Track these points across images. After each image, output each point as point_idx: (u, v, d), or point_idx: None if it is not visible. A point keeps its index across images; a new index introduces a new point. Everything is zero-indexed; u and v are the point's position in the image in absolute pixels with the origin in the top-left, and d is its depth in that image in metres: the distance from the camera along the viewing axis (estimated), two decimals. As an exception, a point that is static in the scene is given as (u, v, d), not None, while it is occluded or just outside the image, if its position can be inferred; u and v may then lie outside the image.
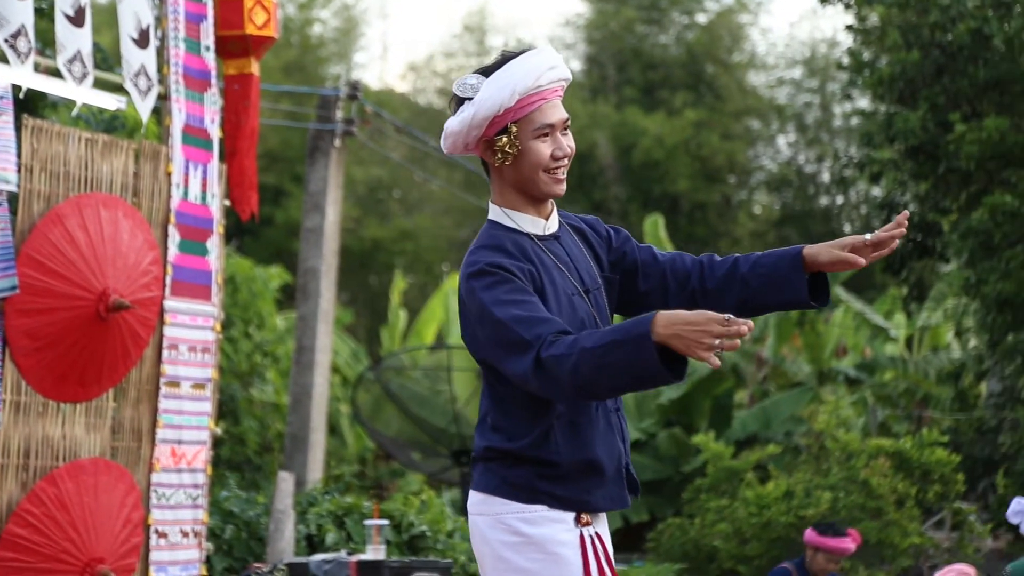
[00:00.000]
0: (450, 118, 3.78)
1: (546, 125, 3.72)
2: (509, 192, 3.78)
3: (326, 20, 36.80)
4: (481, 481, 3.70)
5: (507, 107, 3.67)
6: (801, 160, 37.48)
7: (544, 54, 3.75)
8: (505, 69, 3.70)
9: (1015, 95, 13.48)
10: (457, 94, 3.75)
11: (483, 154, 3.78)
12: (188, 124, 7.82)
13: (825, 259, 3.75)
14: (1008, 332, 13.43)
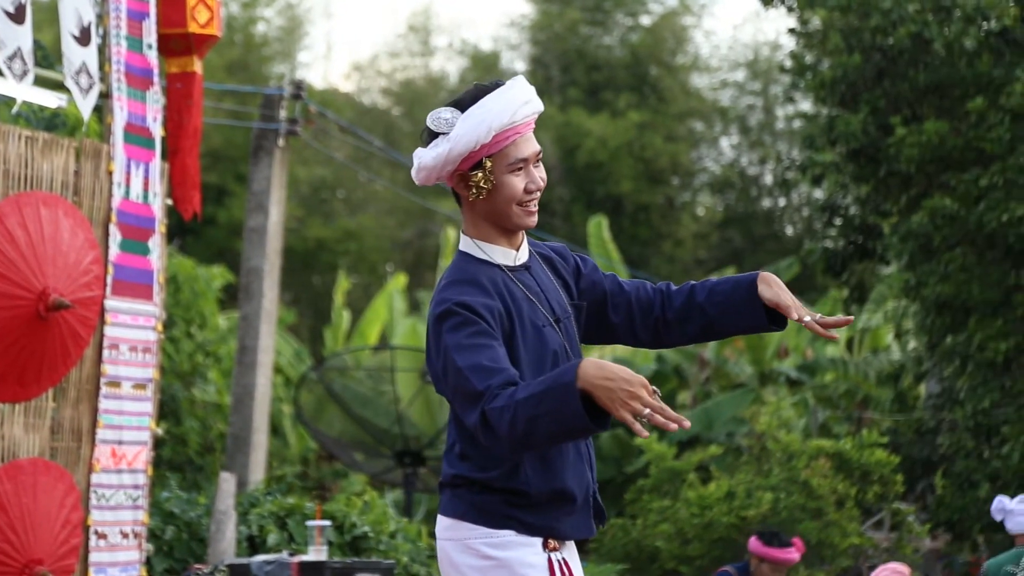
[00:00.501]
0: (422, 150, 3.80)
1: (520, 160, 3.72)
2: (482, 224, 3.79)
3: (270, 19, 36.66)
4: (449, 507, 3.72)
5: (483, 143, 3.68)
6: (744, 162, 37.69)
7: (518, 89, 3.76)
8: (481, 105, 3.71)
9: (955, 99, 13.61)
10: (431, 128, 3.76)
11: (456, 187, 3.80)
12: (130, 122, 7.78)
13: (767, 296, 3.81)
14: (947, 334, 13.55)
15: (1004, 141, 12.69)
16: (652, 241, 34.52)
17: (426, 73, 39.36)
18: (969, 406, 13.06)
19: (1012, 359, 13.03)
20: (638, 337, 3.93)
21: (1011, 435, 12.69)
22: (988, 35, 13.57)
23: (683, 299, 3.91)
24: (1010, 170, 12.57)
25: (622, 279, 4.03)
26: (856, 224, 14.97)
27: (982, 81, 13.32)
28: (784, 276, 19.55)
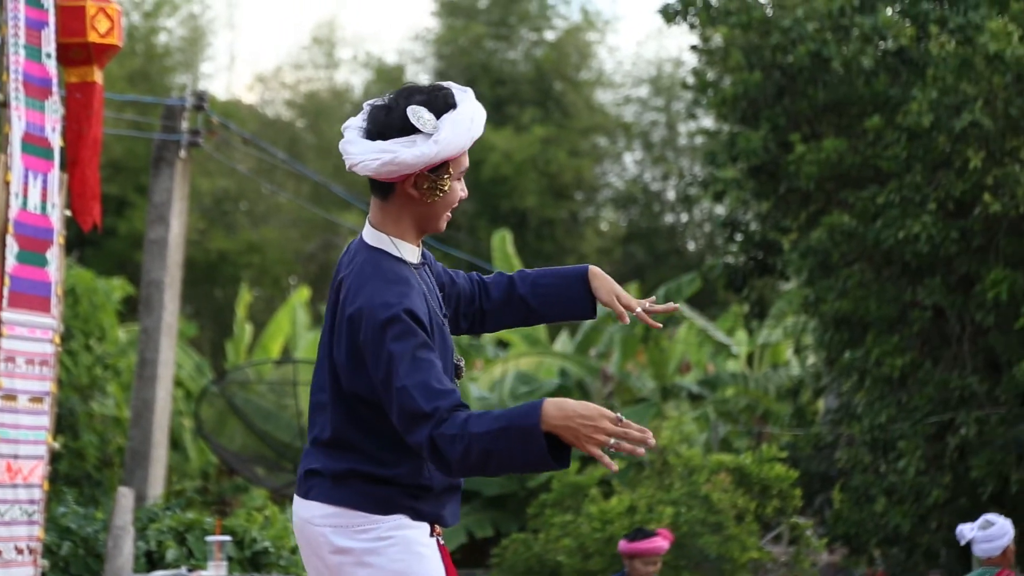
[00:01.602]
0: (395, 145, 3.79)
1: (465, 168, 3.89)
2: (406, 223, 3.87)
3: (172, 29, 36.36)
4: (333, 495, 3.74)
5: (462, 150, 3.84)
6: (647, 178, 37.96)
7: (476, 102, 3.93)
8: (463, 113, 3.84)
9: (852, 117, 13.79)
10: (414, 123, 3.80)
11: (408, 185, 3.84)
12: (28, 132, 7.68)
13: (602, 297, 4.04)
14: (845, 350, 13.71)
15: (901, 159, 12.88)
16: (556, 256, 34.64)
17: (330, 85, 39.24)
18: (866, 421, 13.23)
19: (908, 375, 13.22)
20: (459, 326, 4.11)
21: (907, 450, 12.86)
22: (885, 55, 13.78)
23: (501, 291, 4.11)
24: (906, 188, 12.76)
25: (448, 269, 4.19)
26: (756, 240, 15.12)
27: (879, 100, 13.52)
28: (686, 291, 19.72)
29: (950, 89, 12.43)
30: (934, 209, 12.55)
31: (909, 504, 12.96)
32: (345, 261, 3.91)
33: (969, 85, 12.32)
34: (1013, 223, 12.66)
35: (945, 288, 12.86)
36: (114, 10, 7.98)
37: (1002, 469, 12.54)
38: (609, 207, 38.09)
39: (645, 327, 19.39)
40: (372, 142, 3.84)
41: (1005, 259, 12.64)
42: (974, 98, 12.27)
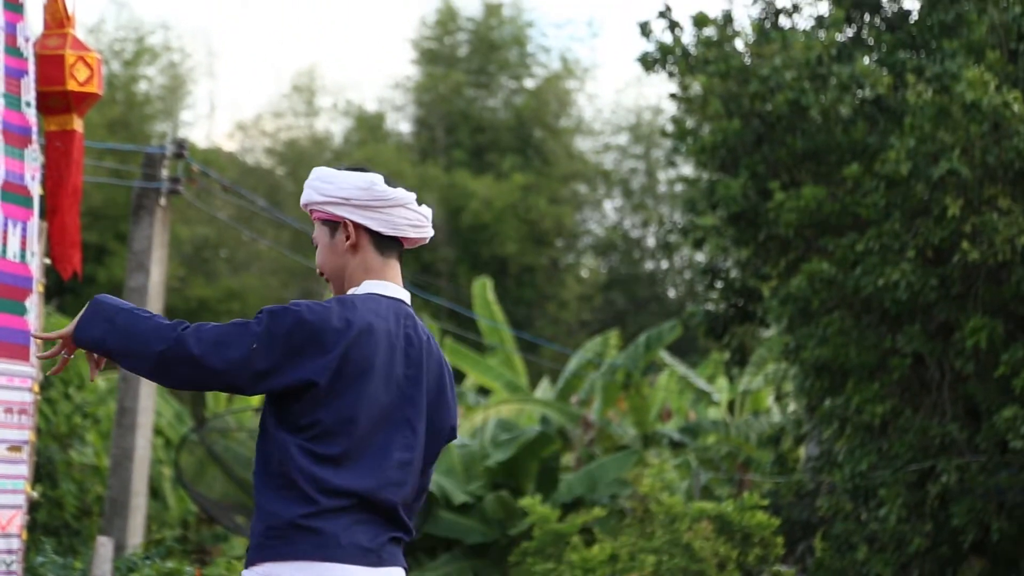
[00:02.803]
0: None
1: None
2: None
3: (152, 77, 36.43)
4: None
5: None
6: (627, 225, 38.05)
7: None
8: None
9: (831, 165, 13.85)
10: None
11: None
12: (8, 180, 7.66)
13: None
14: (825, 397, 13.72)
15: (879, 207, 12.93)
16: (537, 302, 34.65)
17: (310, 133, 39.32)
18: (847, 468, 13.22)
19: (888, 422, 13.22)
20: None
21: (888, 498, 12.85)
22: (863, 103, 13.86)
23: None
24: (885, 235, 12.80)
25: None
26: (737, 287, 15.15)
27: (857, 148, 13.58)
28: (667, 338, 19.73)
29: (928, 137, 12.49)
30: (913, 256, 12.59)
31: (890, 552, 12.94)
32: (416, 325, 4.11)
33: (946, 133, 12.38)
34: (991, 271, 12.71)
35: (925, 335, 12.88)
36: (94, 59, 7.98)
37: (983, 517, 12.54)
38: (589, 254, 38.16)
39: (626, 374, 19.40)
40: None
41: (984, 307, 12.68)
42: (951, 146, 12.33)
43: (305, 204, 4.18)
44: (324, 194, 4.12)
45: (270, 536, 3.83)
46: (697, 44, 14.54)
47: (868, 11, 14.62)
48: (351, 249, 4.13)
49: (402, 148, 37.29)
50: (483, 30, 37.80)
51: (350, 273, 4.13)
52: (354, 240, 4.12)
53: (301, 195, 4.21)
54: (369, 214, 4.12)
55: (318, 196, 4.13)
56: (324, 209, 4.13)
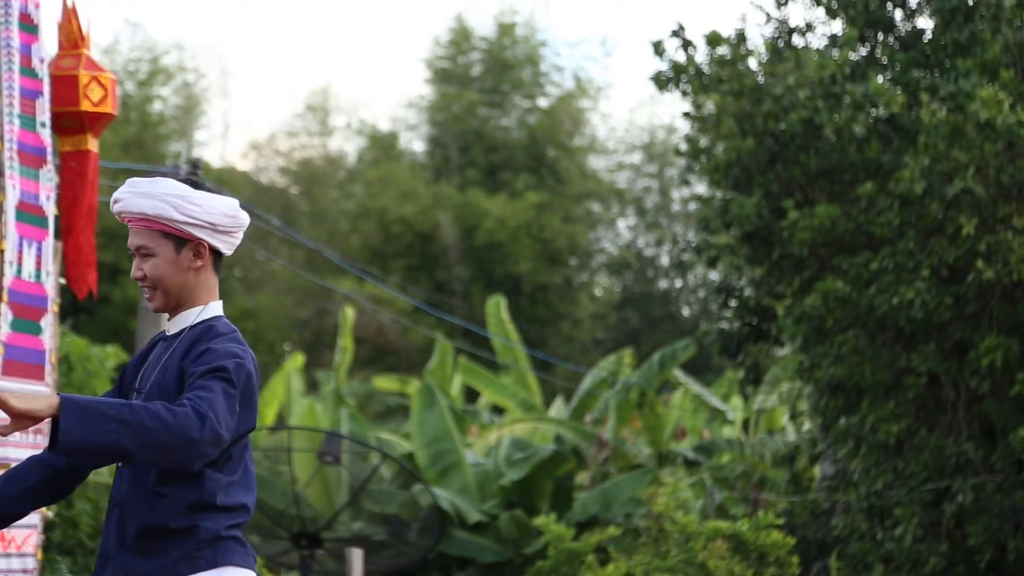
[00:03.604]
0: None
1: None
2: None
3: (166, 97, 36.53)
4: None
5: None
6: (641, 243, 38.04)
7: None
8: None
9: (845, 183, 13.84)
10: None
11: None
12: (23, 201, 7.69)
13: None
14: (840, 416, 13.69)
15: (893, 226, 12.92)
16: (550, 321, 34.64)
17: (324, 153, 39.39)
18: (863, 488, 13.18)
19: (904, 441, 13.19)
20: None
21: (903, 517, 12.81)
22: (877, 122, 13.85)
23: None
24: (899, 254, 12.78)
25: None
26: (751, 306, 15.13)
27: (871, 166, 13.57)
28: (681, 356, 19.72)
29: (942, 156, 12.48)
30: (927, 275, 12.57)
31: (906, 572, 12.90)
32: None
33: (961, 152, 12.37)
34: (1006, 290, 12.68)
35: (939, 354, 12.85)
36: (108, 79, 8.00)
37: (999, 537, 12.49)
38: (603, 273, 38.14)
39: (640, 392, 19.38)
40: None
41: (999, 326, 12.65)
42: (966, 165, 12.32)
43: (152, 216, 4.18)
44: (186, 214, 4.18)
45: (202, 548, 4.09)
46: (710, 63, 14.55)
47: (882, 30, 14.61)
48: (198, 268, 4.22)
49: (416, 167, 37.35)
50: (496, 49, 37.86)
51: (191, 290, 4.23)
52: (204, 261, 4.22)
53: (124, 201, 4.22)
54: (224, 238, 4.24)
55: (176, 215, 4.17)
56: (178, 227, 4.18)
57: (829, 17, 14.64)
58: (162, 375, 4.16)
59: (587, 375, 22.09)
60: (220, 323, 4.20)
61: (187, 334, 4.20)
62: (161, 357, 4.22)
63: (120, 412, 3.78)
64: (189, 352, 4.12)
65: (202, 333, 4.17)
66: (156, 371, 4.19)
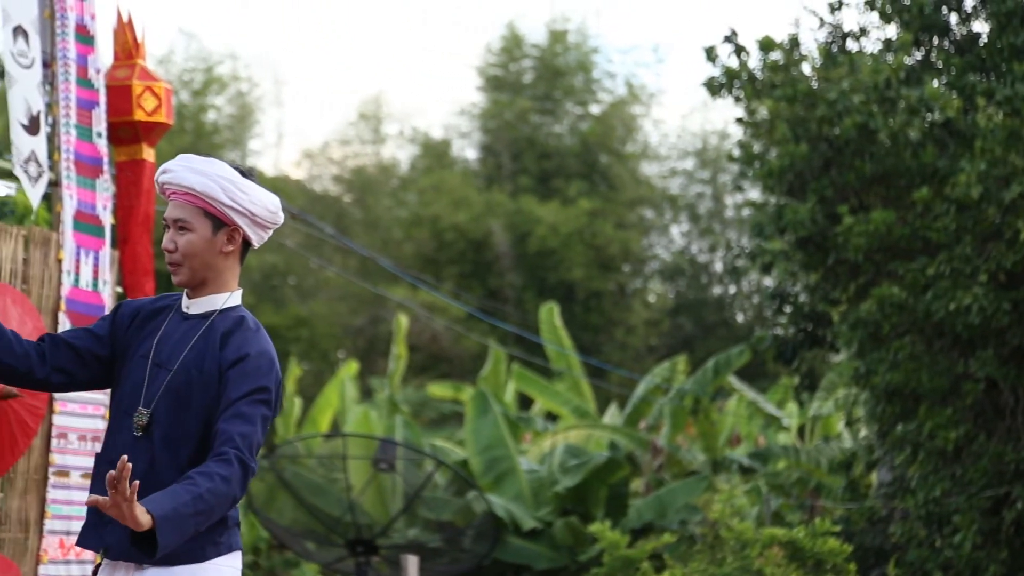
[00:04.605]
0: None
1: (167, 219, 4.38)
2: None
3: (220, 107, 36.75)
4: None
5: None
6: (694, 250, 37.92)
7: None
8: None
9: (900, 188, 13.75)
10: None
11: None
12: (80, 211, 7.75)
13: None
14: (897, 422, 13.59)
15: (950, 231, 12.82)
16: (604, 328, 34.58)
17: (377, 160, 39.51)
18: (920, 495, 13.08)
19: (962, 447, 13.08)
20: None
21: (962, 524, 12.70)
22: (932, 126, 13.75)
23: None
24: (956, 259, 12.69)
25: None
26: (806, 312, 15.05)
27: (927, 171, 13.47)
28: (735, 363, 19.64)
29: (998, 161, 12.38)
30: (985, 281, 12.47)
31: (966, 580, 12.79)
32: None
33: (1018, 157, 12.27)
34: (1065, 294, 12.57)
35: (998, 360, 12.74)
36: (162, 88, 8.06)
37: (1059, 543, 12.38)
38: (656, 279, 38.04)
39: (695, 399, 19.31)
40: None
41: (1058, 330, 12.54)
42: (1023, 170, 12.21)
43: (199, 193, 4.26)
44: (232, 198, 4.27)
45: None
46: (763, 68, 14.49)
47: (937, 34, 14.51)
48: (228, 253, 4.30)
49: (468, 175, 37.39)
50: (548, 56, 37.86)
51: (217, 273, 4.32)
52: (235, 247, 4.28)
53: (174, 173, 4.31)
54: (259, 231, 4.33)
55: (223, 196, 4.26)
56: (221, 209, 4.26)
57: (883, 21, 14.55)
58: (198, 361, 4.24)
59: (641, 382, 22.03)
60: (248, 315, 4.32)
61: (218, 320, 4.28)
62: (189, 335, 4.28)
63: (196, 506, 3.98)
64: (226, 344, 4.22)
65: (235, 324, 4.27)
66: (188, 351, 4.25)
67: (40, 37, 7.65)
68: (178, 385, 4.22)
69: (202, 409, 4.21)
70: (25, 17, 7.50)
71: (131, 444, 4.23)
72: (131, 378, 4.30)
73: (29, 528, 7.48)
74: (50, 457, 7.52)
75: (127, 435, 4.25)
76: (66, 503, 7.61)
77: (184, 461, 4.18)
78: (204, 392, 4.21)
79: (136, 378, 4.28)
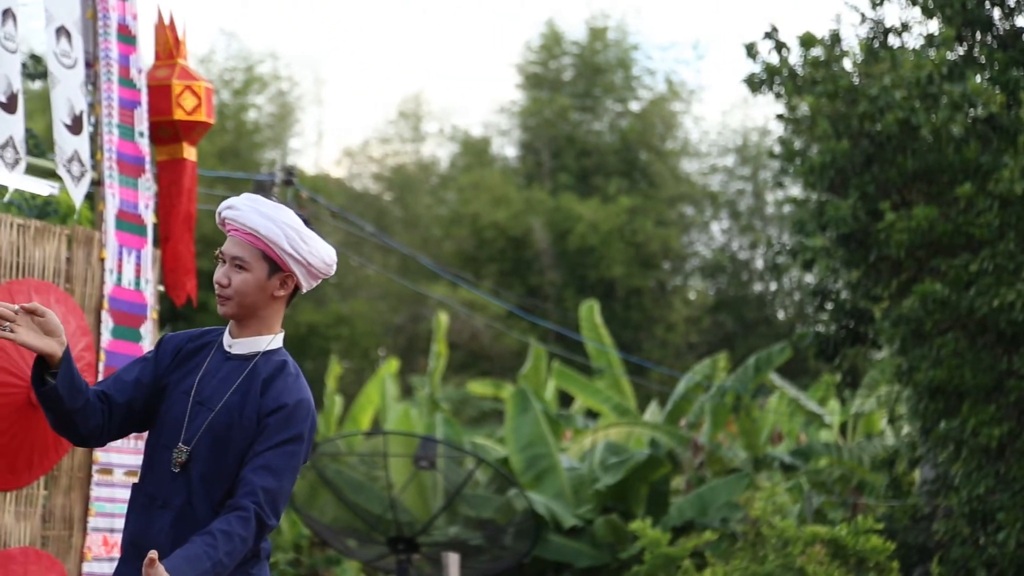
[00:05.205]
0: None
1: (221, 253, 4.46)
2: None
3: (261, 106, 36.88)
4: None
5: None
6: (735, 246, 37.82)
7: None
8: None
9: (942, 185, 13.66)
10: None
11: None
12: (122, 210, 7.79)
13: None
14: (940, 419, 13.52)
15: (993, 227, 12.74)
16: (644, 325, 34.53)
17: (417, 159, 39.58)
18: (964, 492, 13.01)
19: (1006, 445, 13.00)
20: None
21: (1006, 522, 12.62)
22: (975, 122, 13.66)
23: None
24: (1000, 256, 12.61)
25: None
26: (847, 309, 14.98)
27: (970, 167, 13.39)
28: (776, 360, 19.57)
29: (1042, 155, 12.30)
30: (1029, 276, 12.39)
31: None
32: None
33: (1062, 151, 12.19)
34: (1110, 290, 12.47)
35: (1042, 357, 12.66)
36: (202, 87, 8.08)
37: (1104, 541, 12.28)
38: (697, 276, 37.96)
39: (736, 396, 19.26)
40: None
41: (1103, 327, 12.44)
42: (1067, 164, 12.13)
43: (263, 237, 4.34)
44: (294, 247, 4.36)
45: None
46: (804, 64, 14.42)
47: (979, 29, 14.41)
48: (279, 298, 4.39)
49: (508, 172, 37.39)
50: (588, 54, 37.83)
51: (264, 314, 4.41)
52: (286, 293, 4.39)
53: (241, 213, 4.37)
54: (311, 280, 4.43)
55: (286, 244, 4.35)
56: (280, 255, 4.35)
57: (925, 17, 14.46)
58: (240, 404, 4.33)
59: (682, 379, 21.99)
60: (289, 360, 4.44)
61: (261, 363, 4.38)
62: (232, 376, 4.37)
63: (216, 571, 4.10)
64: (266, 391, 4.33)
65: (277, 370, 4.38)
66: (231, 393, 4.32)
67: (82, 37, 7.70)
68: (219, 426, 4.31)
69: (240, 452, 4.32)
70: (68, 18, 7.54)
71: (169, 479, 4.33)
72: (171, 413, 4.36)
73: (73, 525, 7.53)
74: (94, 455, 7.56)
75: (165, 469, 4.33)
76: (109, 501, 7.65)
77: (219, 499, 4.31)
78: (243, 436, 4.31)
79: (176, 414, 4.35)
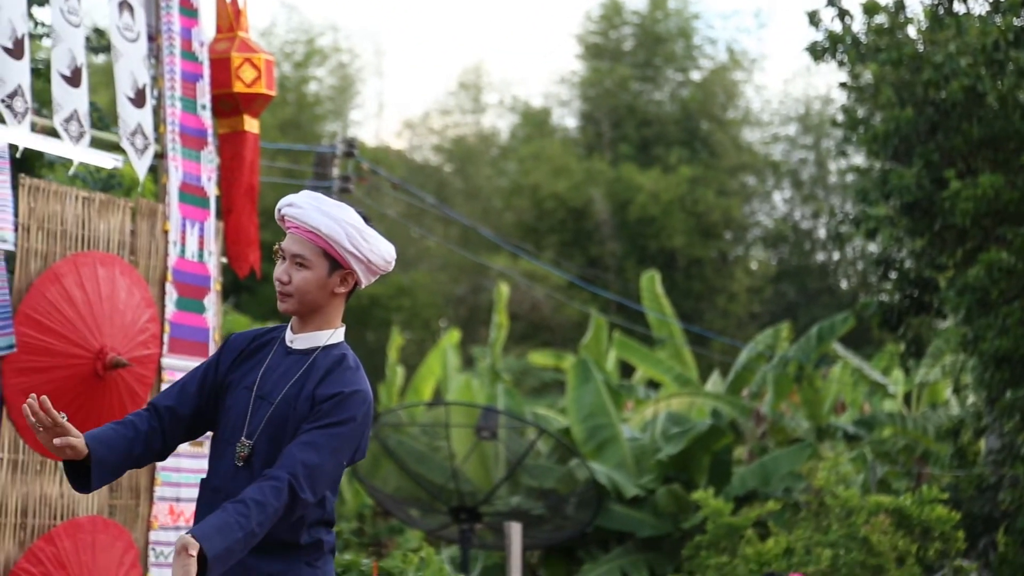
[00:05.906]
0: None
1: (280, 251, 4.46)
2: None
3: (322, 78, 36.97)
4: None
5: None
6: (797, 216, 37.58)
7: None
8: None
9: (1009, 152, 13.52)
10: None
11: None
12: (185, 182, 7.84)
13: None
14: (1006, 389, 13.40)
15: (1061, 193, 12.61)
16: (705, 295, 34.42)
17: (477, 130, 39.56)
18: (1030, 462, 12.91)
19: (1073, 413, 12.88)
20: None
21: (1073, 490, 12.52)
22: (1042, 88, 13.51)
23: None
24: (1067, 222, 12.48)
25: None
26: (912, 278, 14.86)
27: (1037, 134, 13.25)
28: (840, 330, 19.45)
29: (1111, 121, 12.14)
30: (1096, 244, 12.25)
31: (1075, 547, 12.61)
32: None
33: None
34: None
35: (1109, 325, 12.52)
36: (261, 60, 8.10)
37: None
38: (759, 246, 37.77)
39: (798, 366, 19.18)
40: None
41: None
42: None
43: (324, 235, 4.35)
44: (355, 245, 4.38)
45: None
46: (868, 32, 14.29)
47: (1046, -7, 14.22)
48: (339, 294, 4.42)
49: (568, 143, 37.32)
50: (648, 23, 37.65)
51: (324, 311, 4.43)
52: (346, 289, 4.41)
53: (303, 211, 4.37)
54: (370, 276, 4.45)
55: (347, 243, 4.37)
56: (340, 253, 4.37)
57: (991, -19, 14.29)
58: (297, 395, 4.36)
59: (744, 349, 21.91)
60: (349, 352, 4.45)
61: (320, 357, 4.40)
62: (292, 370, 4.39)
63: (247, 542, 4.13)
64: (324, 381, 4.35)
65: (335, 363, 4.39)
66: (289, 386, 4.35)
67: (145, 11, 7.74)
68: (278, 418, 4.35)
69: None
70: (130, -9, 7.58)
71: (232, 473, 4.38)
72: (235, 408, 4.41)
73: (140, 495, 7.60)
74: (159, 425, 7.62)
75: (229, 463, 4.39)
76: (175, 471, 7.72)
77: None
78: (298, 425, 4.34)
79: (240, 409, 4.40)
